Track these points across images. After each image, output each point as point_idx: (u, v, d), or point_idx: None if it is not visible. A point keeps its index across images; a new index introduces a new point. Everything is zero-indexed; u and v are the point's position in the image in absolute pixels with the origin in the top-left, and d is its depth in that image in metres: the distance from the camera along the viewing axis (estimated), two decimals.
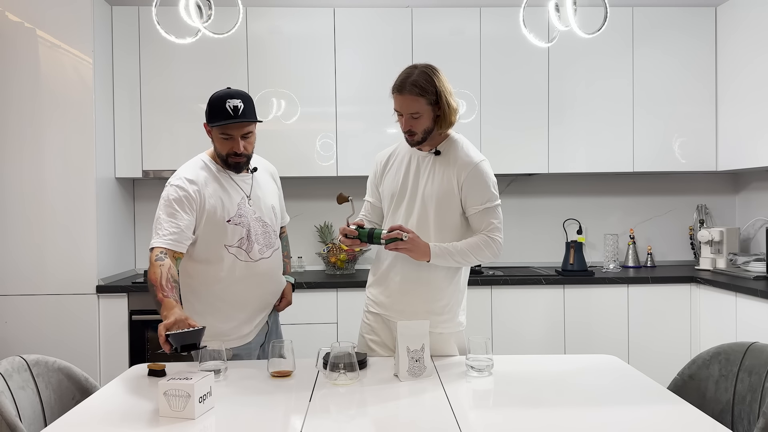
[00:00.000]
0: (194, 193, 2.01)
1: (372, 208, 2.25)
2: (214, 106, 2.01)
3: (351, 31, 3.58)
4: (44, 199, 3.23)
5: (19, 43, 3.20)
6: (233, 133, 2.01)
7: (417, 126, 2.03)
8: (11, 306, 3.21)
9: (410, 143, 2.09)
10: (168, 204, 1.99)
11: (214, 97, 2.03)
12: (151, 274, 1.89)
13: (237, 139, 2.02)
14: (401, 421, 1.56)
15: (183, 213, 1.98)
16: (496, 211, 2.07)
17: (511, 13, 3.58)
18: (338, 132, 3.59)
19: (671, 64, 3.68)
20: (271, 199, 2.21)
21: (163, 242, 1.94)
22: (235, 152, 2.03)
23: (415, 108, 2.01)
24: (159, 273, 1.88)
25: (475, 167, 2.05)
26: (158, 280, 1.87)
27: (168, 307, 1.82)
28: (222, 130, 2.01)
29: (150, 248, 1.96)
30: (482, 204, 2.05)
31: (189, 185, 2.02)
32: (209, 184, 2.06)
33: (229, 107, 1.98)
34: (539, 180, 3.98)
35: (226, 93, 2.03)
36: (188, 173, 2.05)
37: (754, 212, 3.88)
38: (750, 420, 1.70)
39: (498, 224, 2.07)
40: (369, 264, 3.41)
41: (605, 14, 2.17)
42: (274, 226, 2.19)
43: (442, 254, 2.00)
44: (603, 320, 3.42)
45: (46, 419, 1.75)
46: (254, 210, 2.12)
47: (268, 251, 2.15)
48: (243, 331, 2.13)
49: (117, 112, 3.53)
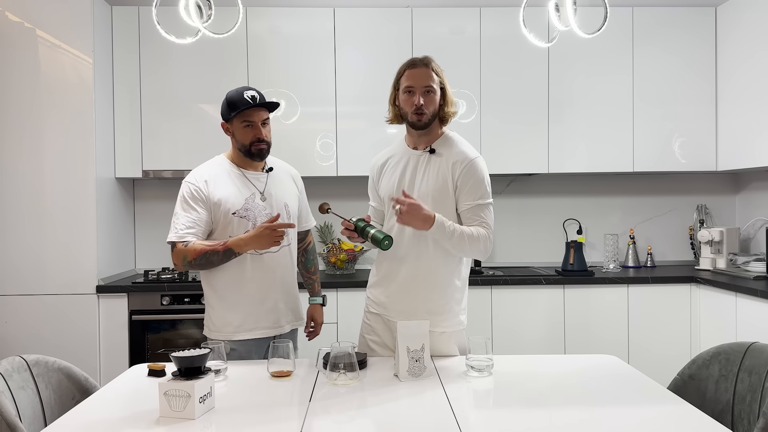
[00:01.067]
0: (203, 186, 2.12)
1: (375, 213, 2.26)
2: (232, 99, 2.13)
3: (351, 30, 3.58)
4: (44, 199, 3.23)
5: (19, 43, 3.20)
6: (254, 120, 2.13)
7: (429, 103, 2.05)
8: (11, 306, 3.21)
9: (417, 125, 2.07)
10: (183, 200, 2.12)
11: (231, 93, 2.16)
12: (194, 252, 2.04)
13: (258, 125, 2.14)
14: (401, 421, 1.56)
15: (197, 207, 2.10)
16: (489, 209, 2.07)
17: (511, 13, 3.58)
18: (338, 132, 3.59)
19: (671, 64, 3.68)
20: (285, 198, 2.26)
21: (177, 237, 2.08)
22: (259, 138, 2.14)
23: (429, 81, 2.05)
24: (198, 246, 2.05)
25: (471, 163, 2.05)
26: (204, 247, 2.04)
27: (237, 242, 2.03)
28: (244, 118, 2.12)
29: (170, 243, 2.10)
30: (475, 200, 2.05)
31: (199, 180, 2.14)
32: (220, 179, 2.16)
33: (247, 97, 2.12)
34: (539, 180, 3.98)
35: (242, 88, 2.18)
36: (201, 170, 2.19)
37: (754, 212, 3.88)
38: (750, 420, 1.70)
39: (490, 222, 2.06)
40: (369, 264, 3.41)
41: (605, 14, 2.16)
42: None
43: (443, 229, 1.95)
44: (603, 320, 3.41)
45: (46, 419, 1.75)
46: (265, 206, 2.18)
47: (275, 246, 2.15)
48: (248, 325, 2.15)
49: (117, 112, 3.53)
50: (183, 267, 2.09)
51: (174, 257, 2.09)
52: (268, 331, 2.19)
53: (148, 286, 3.28)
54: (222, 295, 2.16)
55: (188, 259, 2.06)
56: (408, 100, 2.06)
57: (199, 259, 2.05)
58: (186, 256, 2.06)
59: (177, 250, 2.07)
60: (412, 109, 2.05)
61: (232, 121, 2.14)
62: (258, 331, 2.17)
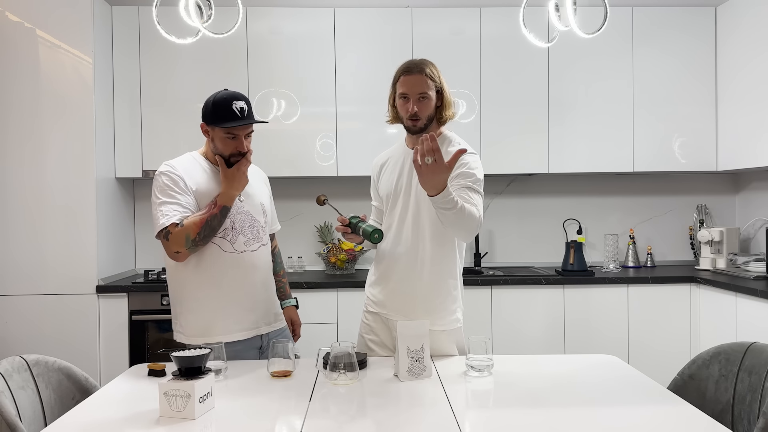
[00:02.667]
0: (183, 175, 2.03)
1: (377, 212, 2.27)
2: (219, 107, 2.02)
3: (351, 31, 3.58)
4: (44, 199, 3.23)
5: (19, 43, 3.21)
6: (239, 133, 2.04)
7: (423, 109, 2.05)
8: (11, 306, 3.21)
9: (413, 130, 2.08)
10: (163, 189, 2.01)
11: (218, 99, 2.03)
12: (194, 226, 1.94)
13: (241, 138, 2.05)
14: (401, 421, 1.56)
15: (181, 193, 2.01)
16: (478, 195, 2.00)
17: (511, 13, 3.58)
18: (338, 132, 3.59)
19: (671, 64, 3.68)
20: (260, 198, 2.21)
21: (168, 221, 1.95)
22: (240, 152, 2.05)
23: (423, 88, 2.04)
24: (196, 218, 1.95)
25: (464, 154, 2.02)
26: (202, 216, 1.96)
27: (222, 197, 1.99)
28: (228, 131, 2.03)
29: (162, 230, 1.95)
30: (463, 184, 1.97)
31: (177, 169, 2.04)
32: (196, 175, 2.07)
33: (236, 109, 2.01)
34: (539, 180, 3.98)
35: (230, 95, 2.04)
36: (176, 162, 2.09)
37: (754, 212, 3.88)
38: (750, 420, 1.70)
39: (480, 205, 1.97)
40: (369, 264, 3.42)
41: (605, 14, 2.16)
42: (262, 222, 2.17)
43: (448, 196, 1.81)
44: (603, 320, 3.42)
45: (46, 419, 1.75)
46: (243, 204, 2.11)
47: (255, 245, 2.12)
48: (229, 327, 2.07)
49: (117, 112, 3.53)
50: (188, 250, 1.96)
51: (173, 245, 1.94)
52: (247, 333, 2.10)
53: (148, 286, 3.28)
54: (195, 295, 2.06)
55: (191, 237, 1.94)
56: (403, 106, 2.08)
57: (203, 231, 1.95)
58: (188, 235, 1.93)
59: (175, 233, 1.93)
60: (407, 116, 2.07)
61: (214, 128, 2.04)
62: (237, 333, 2.07)
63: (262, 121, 2.16)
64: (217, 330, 2.05)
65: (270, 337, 2.17)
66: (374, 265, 2.24)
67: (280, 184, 3.69)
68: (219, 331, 2.05)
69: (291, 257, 3.83)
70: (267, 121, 2.06)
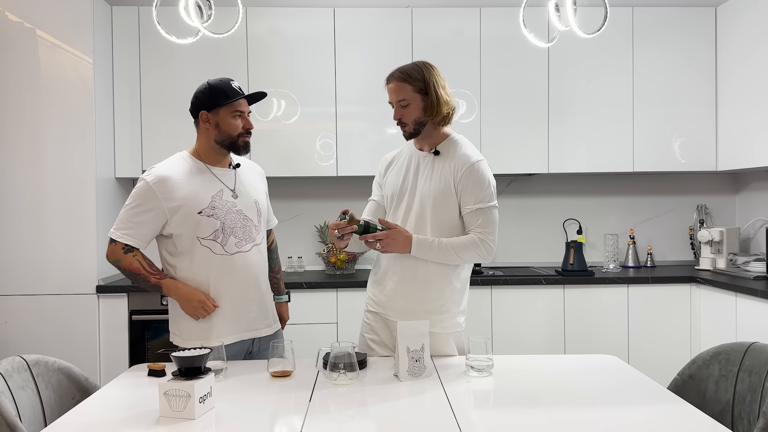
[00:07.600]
0: (161, 187, 2.02)
1: (376, 207, 2.26)
2: (219, 89, 2.08)
3: (351, 31, 3.58)
4: (44, 199, 3.23)
5: (19, 43, 3.20)
6: (244, 110, 2.11)
7: (406, 115, 2.08)
8: (11, 306, 3.21)
9: (404, 135, 2.13)
10: (135, 198, 2.05)
11: (214, 83, 2.10)
12: (128, 265, 2.02)
13: (246, 115, 2.13)
14: (401, 421, 1.56)
15: (146, 212, 2.02)
16: (491, 212, 2.06)
17: (511, 13, 3.58)
18: (338, 132, 3.59)
19: (671, 64, 3.68)
20: (255, 195, 2.19)
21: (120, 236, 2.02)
22: (247, 129, 2.12)
23: (401, 95, 2.06)
24: (138, 262, 2.02)
25: (471, 166, 2.06)
26: (141, 268, 2.03)
27: (170, 286, 2.03)
28: (234, 108, 2.08)
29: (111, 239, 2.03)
30: (475, 204, 2.04)
31: (158, 180, 2.03)
32: (183, 177, 2.06)
33: (235, 87, 2.09)
34: (539, 180, 3.98)
35: (224, 78, 2.11)
36: (161, 168, 2.08)
37: (754, 212, 3.88)
38: (750, 420, 1.70)
39: (491, 227, 2.05)
40: (369, 264, 3.41)
41: (605, 14, 2.16)
42: (255, 221, 2.15)
43: (423, 247, 2.01)
44: (603, 320, 3.42)
45: (46, 419, 1.75)
46: (235, 203, 2.10)
47: (247, 245, 2.10)
48: (222, 330, 2.05)
49: (117, 112, 3.53)
50: (111, 263, 2.05)
51: (109, 252, 2.03)
52: (243, 335, 2.09)
53: None
54: None
55: (120, 265, 2.03)
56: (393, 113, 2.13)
57: (130, 275, 2.03)
58: (120, 261, 2.02)
59: (114, 249, 2.02)
60: (394, 119, 2.12)
61: (218, 111, 2.06)
62: (230, 336, 2.06)
63: (263, 92, 2.19)
64: (212, 333, 2.04)
65: (261, 343, 2.15)
66: (375, 265, 2.24)
67: (280, 184, 3.70)
68: (214, 334, 2.04)
69: (291, 257, 3.83)
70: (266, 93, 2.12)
